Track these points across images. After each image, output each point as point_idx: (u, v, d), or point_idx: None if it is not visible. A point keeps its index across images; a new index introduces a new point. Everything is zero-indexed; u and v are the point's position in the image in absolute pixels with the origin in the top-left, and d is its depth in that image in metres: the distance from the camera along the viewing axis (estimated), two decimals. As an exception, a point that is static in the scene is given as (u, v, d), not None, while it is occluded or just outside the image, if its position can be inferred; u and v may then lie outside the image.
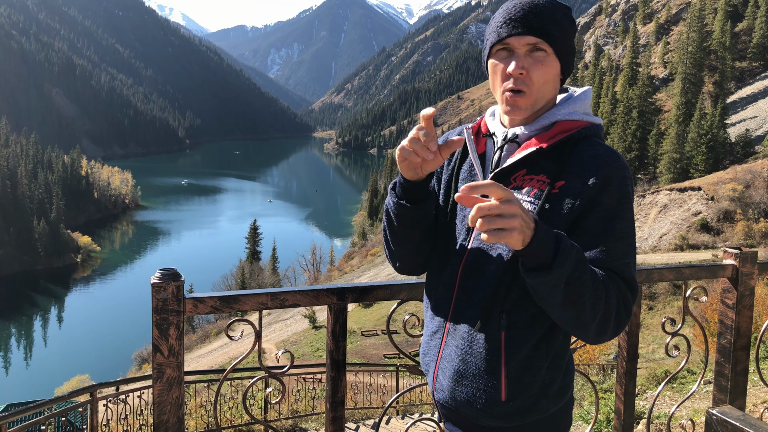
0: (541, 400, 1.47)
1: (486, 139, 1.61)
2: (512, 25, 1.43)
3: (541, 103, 1.48)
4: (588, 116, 1.51)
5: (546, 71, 1.45)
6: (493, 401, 1.46)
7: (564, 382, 1.52)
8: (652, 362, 14.87)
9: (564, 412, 1.57)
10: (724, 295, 2.74)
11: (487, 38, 1.52)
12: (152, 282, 1.56)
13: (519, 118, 1.51)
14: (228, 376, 8.09)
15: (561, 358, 1.51)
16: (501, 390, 1.45)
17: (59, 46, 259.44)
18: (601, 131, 1.53)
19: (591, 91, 1.59)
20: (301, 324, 38.46)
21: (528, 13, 1.43)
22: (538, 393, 1.47)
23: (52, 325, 70.55)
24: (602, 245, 1.37)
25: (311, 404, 9.82)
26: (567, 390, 1.54)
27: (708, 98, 65.72)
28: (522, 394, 1.46)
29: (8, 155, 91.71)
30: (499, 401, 1.45)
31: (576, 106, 1.52)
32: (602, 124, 1.55)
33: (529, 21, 1.42)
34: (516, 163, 1.48)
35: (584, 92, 1.56)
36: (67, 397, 6.75)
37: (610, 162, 1.40)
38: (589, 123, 1.49)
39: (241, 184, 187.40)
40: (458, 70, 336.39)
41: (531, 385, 1.46)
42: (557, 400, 1.51)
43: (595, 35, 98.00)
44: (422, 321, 2.05)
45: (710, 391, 5.87)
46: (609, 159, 1.41)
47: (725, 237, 37.49)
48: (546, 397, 1.48)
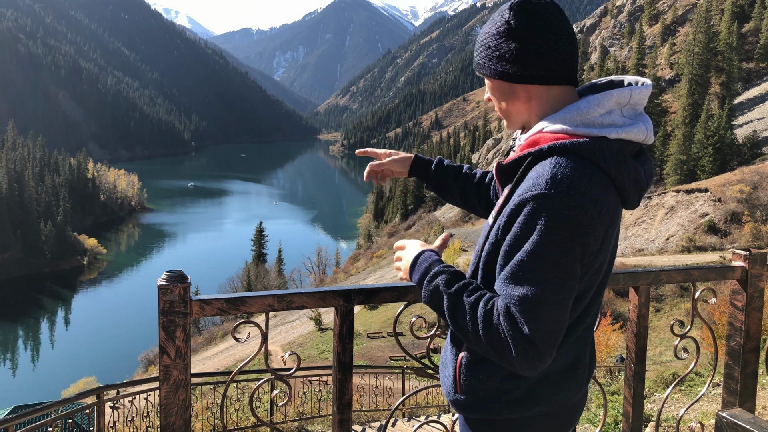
0: (493, 402, 1.49)
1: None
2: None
3: (521, 117, 1.51)
4: (585, 128, 1.38)
5: (495, 95, 1.52)
6: (451, 392, 1.55)
7: (530, 397, 1.49)
8: (659, 364, 14.81)
9: (530, 424, 1.53)
10: (733, 297, 2.72)
11: None
12: (159, 284, 1.55)
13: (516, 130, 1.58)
14: (234, 378, 8.06)
15: (522, 377, 1.46)
16: (457, 383, 1.53)
17: (66, 50, 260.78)
18: (585, 149, 1.34)
19: (602, 98, 1.41)
20: (306, 326, 38.49)
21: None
22: (492, 396, 1.49)
23: (58, 327, 70.84)
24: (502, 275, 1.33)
25: (317, 406, 9.81)
26: (533, 405, 1.50)
27: (715, 99, 65.43)
28: (474, 393, 1.50)
29: (15, 158, 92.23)
30: (455, 392, 1.54)
31: (569, 115, 1.40)
32: (590, 142, 1.35)
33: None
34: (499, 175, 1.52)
35: (587, 101, 1.41)
36: (74, 399, 6.76)
37: (534, 188, 1.30)
38: (569, 136, 1.37)
39: (246, 186, 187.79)
40: (464, 72, 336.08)
41: (483, 387, 1.49)
42: (515, 408, 1.49)
43: (601, 37, 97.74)
44: (429, 323, 2.05)
45: (718, 394, 5.84)
46: (536, 184, 1.30)
47: (732, 239, 37.32)
48: (499, 402, 1.49)
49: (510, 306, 1.29)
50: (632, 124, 1.41)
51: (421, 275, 1.51)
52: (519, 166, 1.42)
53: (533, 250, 1.28)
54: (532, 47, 1.39)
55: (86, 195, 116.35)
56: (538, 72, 1.41)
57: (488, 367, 1.48)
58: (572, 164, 1.31)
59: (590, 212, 1.29)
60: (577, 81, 1.48)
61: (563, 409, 1.56)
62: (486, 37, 1.45)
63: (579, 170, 1.31)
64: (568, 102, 1.44)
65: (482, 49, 1.47)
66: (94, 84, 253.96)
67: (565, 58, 1.41)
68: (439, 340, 8.74)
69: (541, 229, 1.27)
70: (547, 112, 1.45)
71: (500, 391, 1.48)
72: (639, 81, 1.46)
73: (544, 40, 1.39)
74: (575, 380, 1.56)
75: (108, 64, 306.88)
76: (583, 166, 1.32)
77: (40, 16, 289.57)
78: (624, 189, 1.39)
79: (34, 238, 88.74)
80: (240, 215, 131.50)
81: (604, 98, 1.40)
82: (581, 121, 1.39)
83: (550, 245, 1.27)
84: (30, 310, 74.66)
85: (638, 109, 1.44)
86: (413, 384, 13.80)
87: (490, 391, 1.48)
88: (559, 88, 1.44)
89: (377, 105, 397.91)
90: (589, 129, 1.38)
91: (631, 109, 1.43)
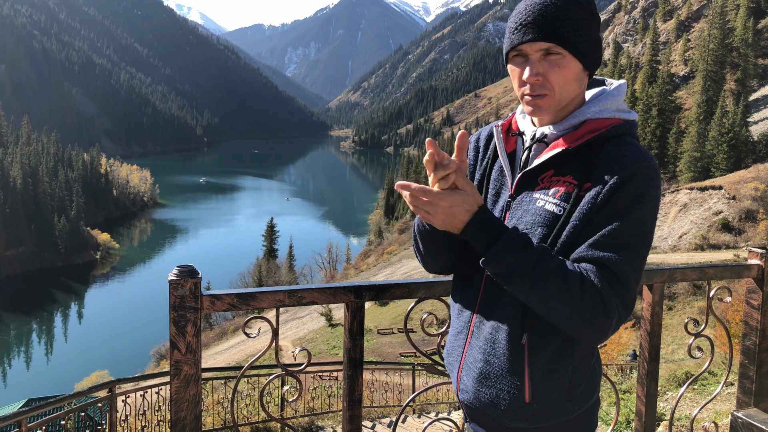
0: (565, 402, 1.45)
1: (516, 137, 1.59)
2: (523, 32, 1.40)
3: (565, 101, 1.45)
4: (621, 112, 1.46)
5: (564, 73, 1.41)
6: (517, 403, 1.45)
7: (590, 385, 1.49)
8: (672, 363, 14.70)
9: (589, 414, 1.54)
10: (749, 295, 2.68)
11: (504, 43, 1.50)
12: (170, 279, 1.55)
13: (545, 118, 1.50)
14: (245, 373, 8.13)
15: (586, 361, 1.48)
16: (525, 392, 1.43)
17: (79, 46, 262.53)
18: (635, 128, 1.47)
19: (625, 86, 1.52)
20: (317, 322, 38.57)
21: (538, 17, 1.38)
22: (563, 395, 1.45)
23: (72, 321, 71.45)
24: (596, 239, 1.33)
25: (327, 402, 9.83)
26: (593, 392, 1.51)
27: (730, 96, 64.81)
28: (546, 396, 1.44)
29: (30, 153, 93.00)
30: (523, 403, 1.44)
31: (608, 102, 1.46)
32: (636, 120, 1.49)
33: (539, 25, 1.38)
34: (543, 164, 1.46)
35: (618, 87, 1.50)
36: (86, 392, 6.80)
37: (635, 162, 1.35)
38: (621, 120, 1.45)
39: (258, 182, 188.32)
40: (475, 68, 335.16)
41: (555, 387, 1.44)
42: (582, 402, 1.48)
43: (615, 33, 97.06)
44: (440, 320, 2.02)
45: (732, 393, 5.79)
46: (635, 159, 1.35)
47: (747, 237, 36.98)
48: (571, 400, 1.46)
49: (610, 266, 1.30)
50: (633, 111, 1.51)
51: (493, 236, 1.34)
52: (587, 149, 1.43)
53: (640, 217, 1.33)
54: (599, 36, 1.47)
55: (99, 190, 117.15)
56: (600, 61, 1.49)
57: (560, 365, 1.44)
58: (637, 142, 1.42)
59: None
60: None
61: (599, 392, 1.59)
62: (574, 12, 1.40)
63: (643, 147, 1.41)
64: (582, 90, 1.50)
65: (587, 16, 1.42)
66: (107, 80, 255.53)
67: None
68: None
69: (648, 198, 1.34)
70: (581, 96, 1.50)
71: (570, 387, 1.45)
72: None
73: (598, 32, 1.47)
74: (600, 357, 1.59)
75: (121, 60, 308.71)
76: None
77: (54, 12, 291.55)
78: None
79: (47, 232, 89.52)
80: (251, 211, 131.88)
81: (623, 87, 1.50)
82: (617, 108, 1.47)
83: (651, 212, 1.35)
84: (44, 304, 75.35)
85: None
86: (424, 381, 13.78)
87: (562, 390, 1.45)
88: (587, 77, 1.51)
89: (388, 101, 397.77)
90: (623, 114, 1.46)
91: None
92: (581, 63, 1.43)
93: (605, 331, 1.31)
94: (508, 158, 1.56)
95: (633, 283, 1.31)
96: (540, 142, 1.50)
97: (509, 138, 1.60)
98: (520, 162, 1.54)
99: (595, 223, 1.35)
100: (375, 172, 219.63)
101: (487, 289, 1.52)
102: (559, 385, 1.44)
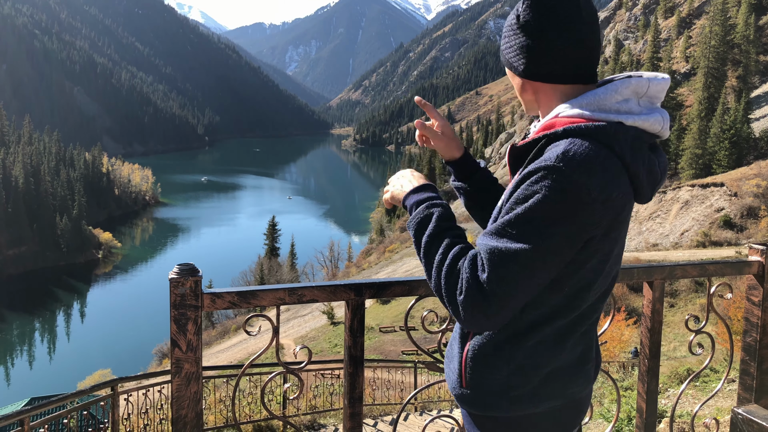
0: (500, 399, 1.45)
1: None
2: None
3: (546, 110, 1.47)
4: (601, 113, 1.34)
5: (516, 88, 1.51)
6: (456, 386, 1.52)
7: (539, 392, 1.45)
8: (672, 360, 14.70)
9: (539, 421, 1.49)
10: (750, 292, 2.68)
11: None
12: (170, 277, 1.55)
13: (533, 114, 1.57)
14: (246, 371, 8.13)
15: (534, 369, 1.43)
16: (462, 376, 1.49)
17: (80, 45, 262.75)
18: (602, 133, 1.30)
19: (620, 85, 1.36)
20: (319, 320, 38.62)
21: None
22: (499, 391, 1.44)
23: (74, 320, 71.62)
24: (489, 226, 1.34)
25: (329, 400, 9.85)
26: (543, 401, 1.46)
27: (731, 93, 64.64)
28: (480, 387, 1.46)
29: (31, 153, 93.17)
30: (461, 386, 1.50)
31: (584, 100, 1.36)
32: (611, 125, 1.31)
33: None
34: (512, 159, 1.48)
35: (607, 86, 1.37)
36: (89, 391, 6.81)
37: (545, 161, 1.26)
38: (584, 120, 1.33)
39: (259, 181, 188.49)
40: (476, 66, 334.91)
41: (490, 380, 1.45)
42: (522, 405, 1.45)
43: (616, 30, 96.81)
44: (440, 317, 2.03)
45: (733, 390, 5.79)
46: (548, 158, 1.26)
47: (749, 234, 36.93)
48: (506, 398, 1.44)
49: (480, 253, 1.29)
50: (649, 113, 1.36)
51: (420, 199, 1.53)
52: (532, 149, 1.38)
53: (524, 214, 1.26)
54: (538, 45, 1.36)
55: (101, 189, 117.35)
56: (540, 70, 1.39)
57: (496, 360, 1.44)
58: (586, 145, 1.26)
59: (595, 194, 1.24)
60: (594, 79, 1.42)
61: (571, 405, 1.53)
62: (506, 25, 1.46)
63: (593, 152, 1.25)
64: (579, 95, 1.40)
65: (503, 35, 1.50)
66: (108, 79, 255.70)
67: (576, 59, 1.36)
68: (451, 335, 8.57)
69: (539, 197, 1.24)
70: (555, 105, 1.42)
71: (508, 386, 1.43)
72: (658, 75, 1.41)
73: (550, 39, 1.34)
74: (584, 375, 1.53)
75: (122, 59, 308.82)
76: (597, 149, 1.26)
77: (55, 11, 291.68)
78: (638, 178, 1.34)
79: (49, 231, 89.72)
80: (253, 209, 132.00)
81: (622, 85, 1.36)
82: (598, 107, 1.34)
83: (543, 213, 1.25)
84: (46, 302, 75.52)
85: (655, 102, 1.39)
86: (425, 378, 13.80)
87: (497, 385, 1.44)
88: (568, 86, 1.40)
89: (390, 99, 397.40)
90: (606, 114, 1.33)
91: (648, 100, 1.38)
92: (509, 69, 1.49)
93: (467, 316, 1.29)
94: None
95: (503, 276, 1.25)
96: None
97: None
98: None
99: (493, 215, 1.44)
100: (376, 171, 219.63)
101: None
102: (495, 380, 1.44)
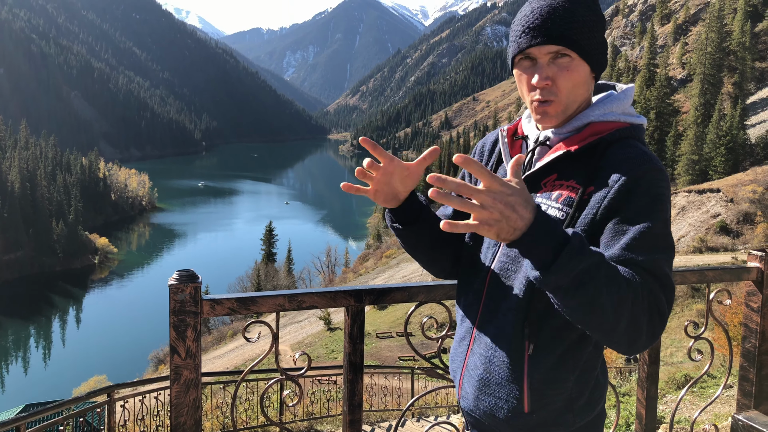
0: (566, 413, 1.41)
1: (521, 142, 1.55)
2: (531, 35, 1.35)
3: (573, 106, 1.41)
4: (628, 116, 1.41)
5: (573, 76, 1.36)
6: (516, 413, 1.41)
7: (593, 396, 1.44)
8: (670, 366, 14.69)
9: (592, 426, 1.48)
10: (749, 298, 2.68)
11: (509, 47, 1.46)
12: (170, 283, 1.54)
13: (551, 125, 1.44)
14: (244, 378, 8.07)
15: (589, 372, 1.43)
16: (524, 401, 1.39)
17: (78, 50, 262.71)
18: (642, 132, 1.42)
19: (633, 90, 1.47)
20: (316, 326, 38.55)
21: (546, 20, 1.33)
22: (563, 406, 1.40)
23: (70, 325, 71.32)
24: (629, 242, 1.25)
25: (326, 406, 9.82)
26: (596, 404, 1.46)
27: (727, 99, 64.91)
28: (546, 406, 1.40)
29: (28, 158, 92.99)
30: (522, 413, 1.40)
31: (613, 106, 1.41)
32: (644, 125, 1.44)
33: (548, 28, 1.33)
34: (545, 168, 1.42)
35: (625, 91, 1.45)
36: (85, 397, 6.79)
37: (642, 164, 1.29)
38: (627, 124, 1.40)
39: (257, 186, 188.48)
40: (473, 72, 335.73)
41: (555, 398, 1.39)
42: (584, 414, 1.44)
43: (612, 36, 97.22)
44: (439, 323, 2.02)
45: (732, 396, 5.78)
46: (641, 161, 1.29)
47: (745, 239, 37.03)
48: (571, 411, 1.41)
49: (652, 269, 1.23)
50: (640, 115, 1.46)
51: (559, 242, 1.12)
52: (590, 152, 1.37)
53: (664, 217, 1.28)
54: (605, 39, 1.42)
55: (97, 194, 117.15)
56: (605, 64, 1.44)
57: (561, 373, 1.39)
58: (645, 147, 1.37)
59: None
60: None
61: (604, 406, 1.53)
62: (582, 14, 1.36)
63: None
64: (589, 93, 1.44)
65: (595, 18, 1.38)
66: (105, 83, 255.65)
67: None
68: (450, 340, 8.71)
69: (665, 198, 1.30)
70: (588, 100, 1.45)
71: (571, 398, 1.40)
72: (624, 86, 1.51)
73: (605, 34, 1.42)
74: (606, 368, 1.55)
75: (119, 63, 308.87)
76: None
77: (53, 16, 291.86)
78: None
79: (46, 236, 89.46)
80: (250, 215, 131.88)
81: (631, 91, 1.46)
82: (622, 111, 1.42)
83: (668, 212, 1.31)
84: (42, 308, 75.20)
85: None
86: (422, 384, 13.78)
87: (561, 400, 1.40)
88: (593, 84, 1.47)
89: (387, 105, 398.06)
90: (629, 117, 1.41)
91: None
92: (589, 66, 1.38)
93: (657, 336, 1.23)
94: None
95: (672, 284, 1.25)
96: (543, 146, 1.46)
97: (515, 143, 1.56)
98: (523, 166, 1.48)
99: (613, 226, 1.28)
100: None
101: (489, 294, 1.48)
102: (560, 396, 1.39)
